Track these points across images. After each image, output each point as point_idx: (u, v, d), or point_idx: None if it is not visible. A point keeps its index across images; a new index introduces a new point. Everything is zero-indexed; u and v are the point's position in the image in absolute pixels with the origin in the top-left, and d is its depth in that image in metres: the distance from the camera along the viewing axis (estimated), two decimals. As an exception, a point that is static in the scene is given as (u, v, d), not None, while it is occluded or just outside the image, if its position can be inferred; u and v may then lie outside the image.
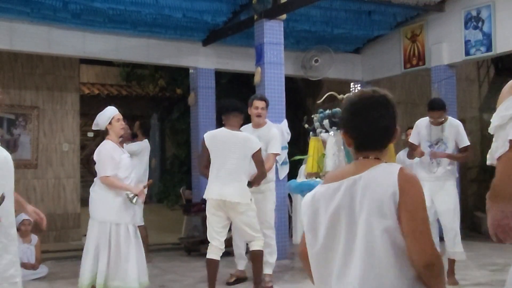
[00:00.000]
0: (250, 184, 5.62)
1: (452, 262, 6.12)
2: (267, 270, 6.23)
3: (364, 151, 2.00)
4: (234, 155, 5.47)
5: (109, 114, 5.62)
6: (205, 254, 5.84)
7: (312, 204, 1.98)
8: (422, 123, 6.24)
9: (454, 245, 6.01)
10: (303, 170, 6.14)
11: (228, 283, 6.53)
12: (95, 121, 5.70)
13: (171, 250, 9.27)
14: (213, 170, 5.57)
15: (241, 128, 5.87)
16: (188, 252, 8.81)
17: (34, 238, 7.37)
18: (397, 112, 2.10)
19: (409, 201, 1.85)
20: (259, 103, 6.20)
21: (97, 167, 5.51)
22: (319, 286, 2.00)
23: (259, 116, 6.16)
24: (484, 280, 6.33)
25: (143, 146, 8.07)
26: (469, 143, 6.15)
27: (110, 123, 5.57)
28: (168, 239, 9.93)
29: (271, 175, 5.95)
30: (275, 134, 5.99)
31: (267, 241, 6.03)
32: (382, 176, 1.90)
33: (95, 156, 5.54)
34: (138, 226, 7.99)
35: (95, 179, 5.56)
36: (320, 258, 1.96)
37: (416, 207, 1.86)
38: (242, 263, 6.50)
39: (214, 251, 5.68)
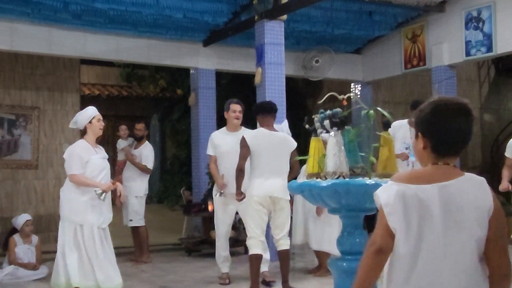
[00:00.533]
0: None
1: None
2: (265, 268, 6.38)
3: (443, 157, 2.06)
4: (278, 154, 5.71)
5: (90, 114, 5.62)
6: (206, 254, 5.89)
7: (404, 204, 2.02)
8: (397, 125, 6.30)
9: None
10: (303, 170, 6.17)
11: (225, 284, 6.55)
12: (73, 119, 5.69)
13: (172, 250, 9.27)
14: (258, 168, 5.71)
15: (216, 132, 6.55)
16: (188, 253, 8.81)
17: (35, 238, 7.38)
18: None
19: (501, 219, 2.01)
20: (236, 107, 6.49)
21: (65, 166, 5.60)
22: (396, 284, 2.07)
23: (237, 119, 6.49)
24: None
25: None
26: None
27: (90, 122, 5.58)
28: (169, 240, 9.92)
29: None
30: None
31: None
32: (477, 189, 2.01)
33: (66, 155, 5.62)
34: (139, 227, 8.02)
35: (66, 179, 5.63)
36: (409, 258, 2.02)
37: (504, 225, 2.04)
38: (228, 266, 6.58)
39: (259, 245, 5.74)
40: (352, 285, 2.11)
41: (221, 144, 6.45)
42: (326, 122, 3.50)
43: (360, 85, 11.50)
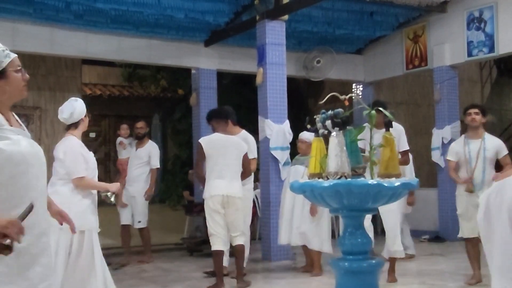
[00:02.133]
0: None
1: (392, 260, 6.22)
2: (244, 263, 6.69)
3: None
4: (232, 156, 6.16)
5: (84, 107, 4.98)
6: (207, 254, 5.96)
7: None
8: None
9: (394, 244, 6.10)
10: (305, 170, 6.21)
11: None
12: (68, 110, 4.93)
13: (174, 250, 9.28)
14: (214, 170, 6.11)
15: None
16: (190, 253, 8.81)
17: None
18: None
19: None
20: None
21: (67, 167, 4.76)
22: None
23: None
24: (486, 281, 6.32)
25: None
26: (408, 148, 6.22)
27: (86, 116, 4.98)
28: (171, 240, 9.92)
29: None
30: None
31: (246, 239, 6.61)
32: None
33: (61, 155, 4.83)
34: (145, 228, 7.95)
35: (53, 179, 4.81)
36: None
37: None
38: (225, 260, 6.69)
39: (219, 241, 6.11)
40: None
41: None
42: (328, 122, 3.50)
43: (361, 86, 11.50)
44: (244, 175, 6.35)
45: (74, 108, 4.91)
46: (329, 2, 8.89)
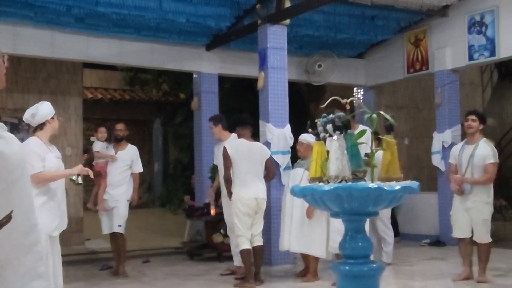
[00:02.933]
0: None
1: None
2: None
3: None
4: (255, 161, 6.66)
5: (52, 109, 5.02)
6: (208, 258, 5.99)
7: None
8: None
9: None
10: (304, 173, 6.26)
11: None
12: (31, 112, 4.97)
13: (174, 254, 9.26)
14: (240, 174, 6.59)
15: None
16: (190, 257, 8.80)
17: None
18: None
19: None
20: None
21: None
22: None
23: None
24: (487, 285, 6.31)
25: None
26: None
27: (52, 117, 5.00)
28: (171, 243, 9.91)
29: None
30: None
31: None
32: None
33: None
34: (120, 234, 7.43)
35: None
36: None
37: None
38: (238, 260, 7.01)
39: (246, 241, 6.57)
40: None
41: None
42: (329, 126, 3.50)
43: (362, 90, 11.50)
44: (268, 178, 6.90)
45: (37, 110, 4.98)
46: (331, 6, 8.90)
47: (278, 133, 8.09)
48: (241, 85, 12.53)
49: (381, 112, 3.87)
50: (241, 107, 11.81)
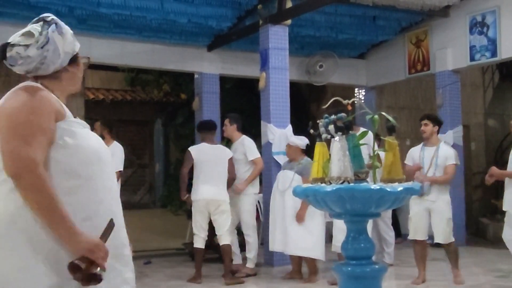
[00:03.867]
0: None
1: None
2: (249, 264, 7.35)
3: None
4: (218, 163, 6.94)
5: None
6: (209, 259, 6.07)
7: None
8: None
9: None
10: (294, 176, 6.35)
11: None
12: None
13: (175, 255, 9.26)
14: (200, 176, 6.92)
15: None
16: (192, 258, 8.77)
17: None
18: None
19: None
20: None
21: None
22: None
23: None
24: (489, 286, 6.32)
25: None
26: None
27: None
28: (172, 245, 9.91)
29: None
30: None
31: (246, 239, 7.39)
32: None
33: None
34: None
35: None
36: None
37: None
38: (237, 258, 7.48)
39: (200, 240, 6.96)
40: None
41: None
42: (331, 127, 3.50)
43: (364, 90, 11.49)
44: (229, 179, 7.06)
45: None
46: (332, 7, 8.91)
47: (279, 134, 8.09)
48: (242, 86, 12.53)
49: (383, 113, 3.87)
50: (242, 107, 11.81)
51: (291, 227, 6.60)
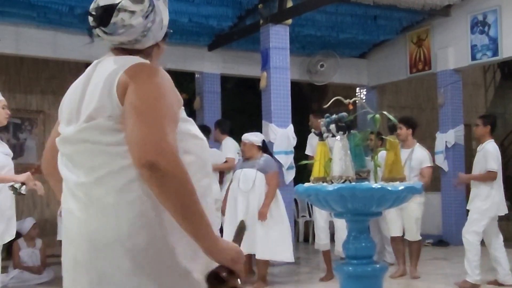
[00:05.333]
0: None
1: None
2: None
3: None
4: None
5: None
6: None
7: None
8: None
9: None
10: (257, 174, 6.27)
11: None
12: None
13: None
14: None
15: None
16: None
17: (39, 241, 7.37)
18: None
19: None
20: None
21: None
22: None
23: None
24: (489, 286, 6.30)
25: None
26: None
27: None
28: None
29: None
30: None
31: None
32: None
33: None
34: None
35: None
36: None
37: None
38: None
39: None
40: None
41: None
42: (332, 126, 3.49)
43: (365, 90, 11.48)
44: None
45: None
46: (333, 6, 8.89)
47: (281, 133, 8.09)
48: (243, 85, 12.51)
49: (384, 112, 3.87)
50: (243, 107, 11.80)
51: (260, 229, 6.17)
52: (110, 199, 1.64)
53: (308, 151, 7.23)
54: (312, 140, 6.97)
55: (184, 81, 13.46)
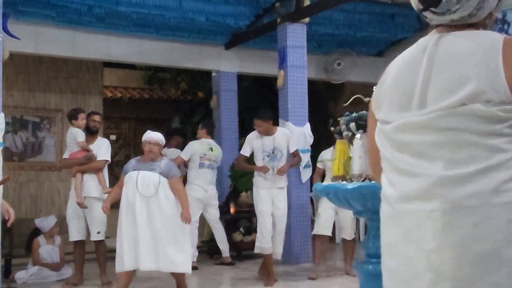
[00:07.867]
0: None
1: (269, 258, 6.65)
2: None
3: None
4: None
5: None
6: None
7: None
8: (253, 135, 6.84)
9: (280, 245, 6.77)
10: (160, 178, 5.65)
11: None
12: None
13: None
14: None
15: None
16: (210, 255, 8.82)
17: (58, 238, 7.44)
18: None
19: None
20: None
21: None
22: None
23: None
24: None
25: None
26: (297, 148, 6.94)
27: None
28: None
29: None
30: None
31: None
32: None
33: None
34: (100, 241, 6.69)
35: None
36: None
37: None
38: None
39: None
40: None
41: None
42: (352, 125, 3.49)
43: (382, 88, 11.42)
44: None
45: None
46: (350, 4, 8.86)
47: (297, 132, 8.08)
48: (259, 83, 12.52)
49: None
50: (259, 105, 11.80)
51: (164, 241, 5.56)
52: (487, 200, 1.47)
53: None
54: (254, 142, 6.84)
55: (201, 79, 13.51)
